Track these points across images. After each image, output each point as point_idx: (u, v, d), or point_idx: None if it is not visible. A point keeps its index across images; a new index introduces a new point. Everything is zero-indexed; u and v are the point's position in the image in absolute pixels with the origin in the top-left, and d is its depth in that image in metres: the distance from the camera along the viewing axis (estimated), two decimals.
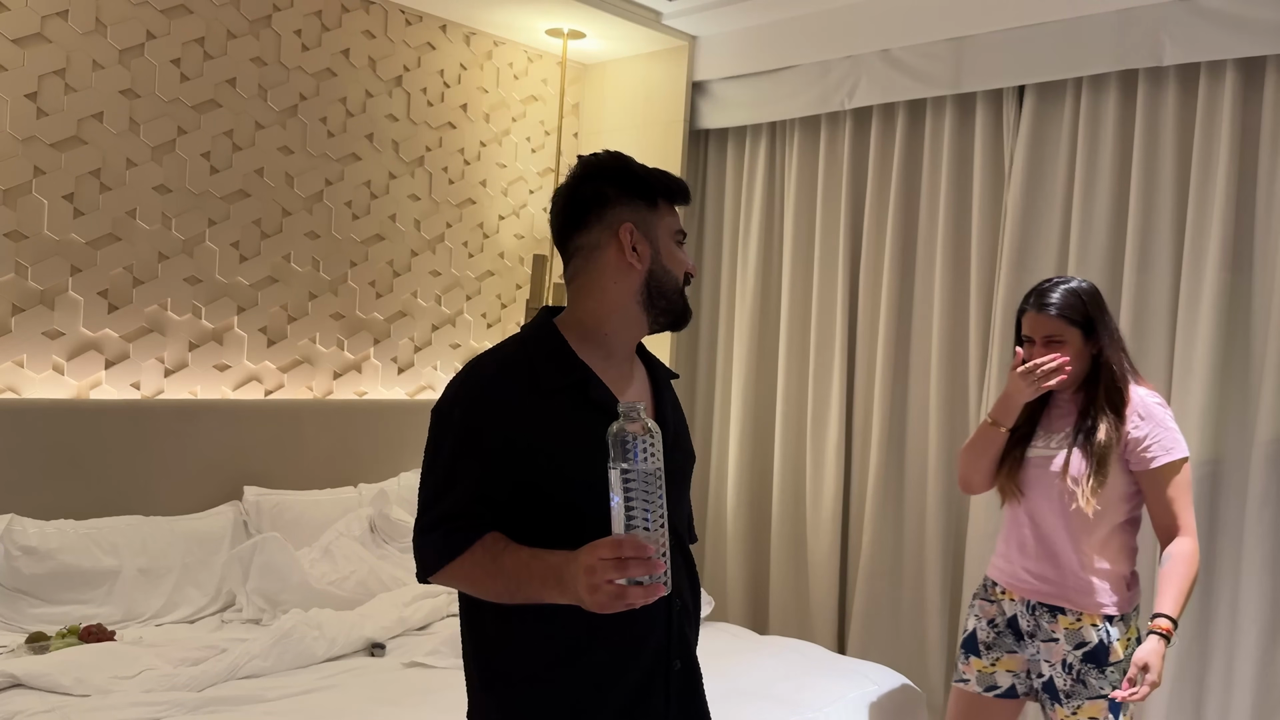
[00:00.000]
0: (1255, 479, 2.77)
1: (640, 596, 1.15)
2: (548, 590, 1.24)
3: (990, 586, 2.32)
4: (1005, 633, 2.26)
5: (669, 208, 1.44)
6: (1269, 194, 2.81)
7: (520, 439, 1.32)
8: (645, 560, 1.14)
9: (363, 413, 3.63)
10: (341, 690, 2.49)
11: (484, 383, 1.36)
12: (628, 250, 1.39)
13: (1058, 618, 2.15)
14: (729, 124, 4.07)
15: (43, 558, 2.74)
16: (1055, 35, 3.11)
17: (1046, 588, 2.17)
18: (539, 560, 1.26)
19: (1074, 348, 2.13)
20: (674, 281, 1.43)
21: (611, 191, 1.40)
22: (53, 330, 3.00)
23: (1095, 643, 2.11)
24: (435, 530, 1.33)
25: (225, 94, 3.32)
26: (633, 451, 1.15)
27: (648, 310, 1.43)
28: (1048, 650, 2.17)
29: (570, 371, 1.38)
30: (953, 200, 3.45)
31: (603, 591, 1.15)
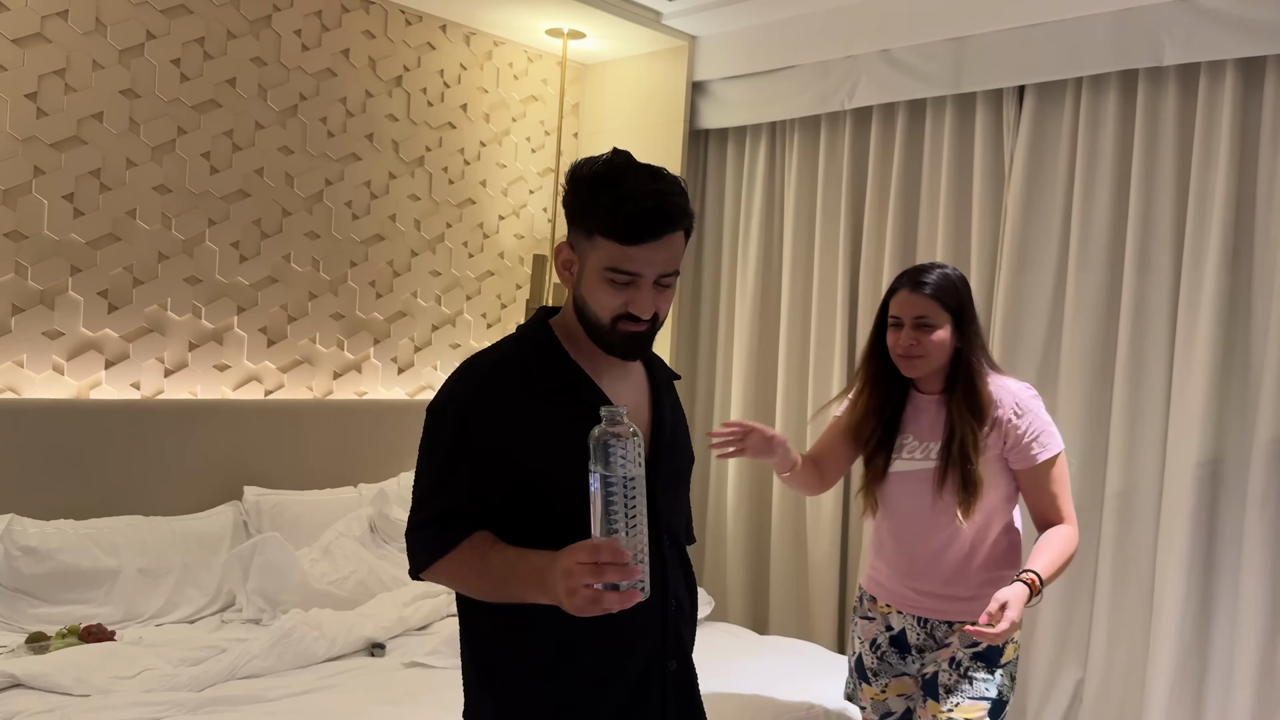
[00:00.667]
0: (1255, 479, 2.77)
1: (616, 602, 1.15)
2: (531, 591, 1.25)
3: (870, 601, 2.18)
4: (889, 652, 2.13)
5: (610, 245, 1.30)
6: (1269, 194, 2.81)
7: (513, 439, 1.32)
8: (621, 566, 1.14)
9: (363, 413, 3.63)
10: (341, 690, 2.49)
11: (478, 382, 1.36)
12: (558, 267, 1.38)
13: (954, 627, 2.04)
14: (729, 124, 4.07)
15: (43, 558, 2.74)
16: (1055, 35, 3.11)
17: (943, 605, 2.05)
18: (524, 561, 1.26)
19: (943, 339, 2.01)
20: (594, 316, 1.35)
21: (573, 204, 1.35)
22: (53, 330, 3.00)
23: (986, 643, 2.00)
24: (427, 527, 1.34)
25: (225, 94, 3.32)
26: (613, 456, 1.15)
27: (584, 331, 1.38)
28: (936, 655, 2.06)
29: (564, 373, 1.38)
30: (953, 200, 3.45)
31: (579, 596, 1.15)
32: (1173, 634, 2.86)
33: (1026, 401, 2.02)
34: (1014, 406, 2.01)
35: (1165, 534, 2.92)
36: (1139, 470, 3.02)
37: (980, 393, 2.00)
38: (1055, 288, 3.22)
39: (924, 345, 2.00)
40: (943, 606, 2.05)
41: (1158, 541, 2.96)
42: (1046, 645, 3.17)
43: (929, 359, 2.01)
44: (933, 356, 2.00)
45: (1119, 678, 3.04)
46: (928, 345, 2.00)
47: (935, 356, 2.01)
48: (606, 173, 1.33)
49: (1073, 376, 3.14)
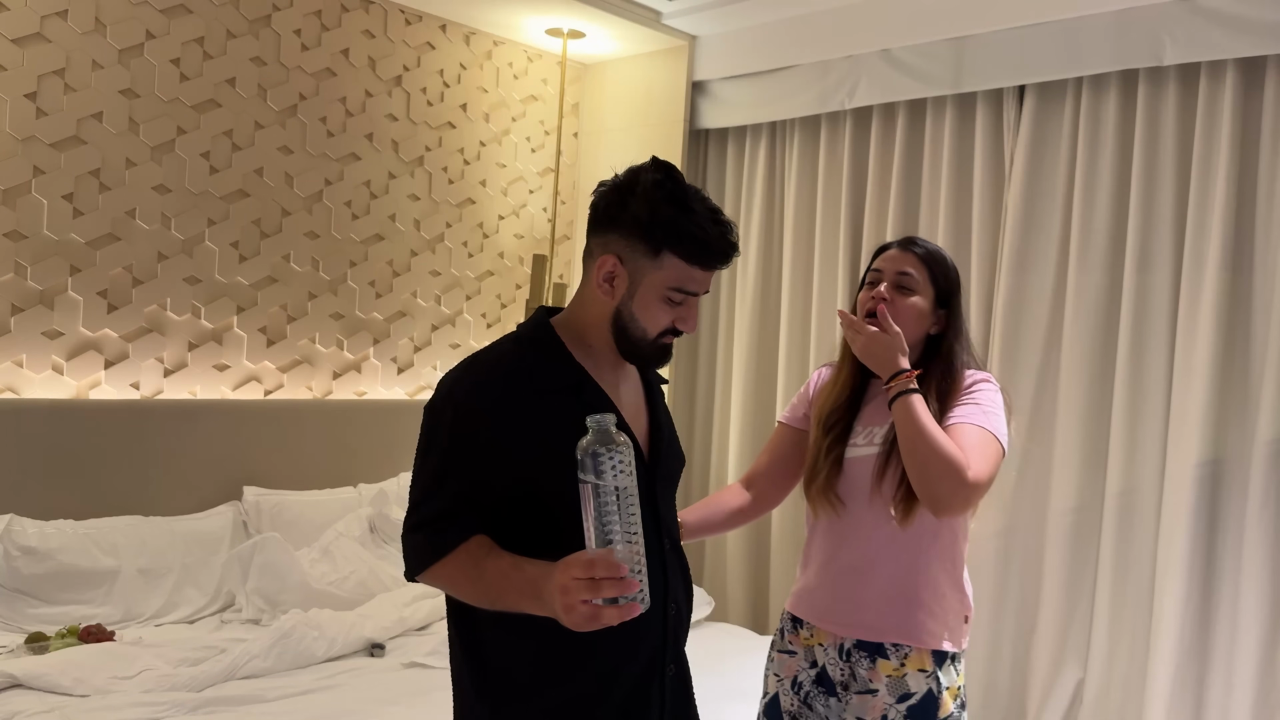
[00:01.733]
0: (1255, 479, 2.77)
1: (615, 616, 1.12)
2: (525, 602, 1.22)
3: (791, 630, 1.85)
4: (815, 693, 1.79)
5: (681, 265, 1.31)
6: (1269, 194, 2.81)
7: (513, 440, 1.29)
8: (619, 580, 1.11)
9: (362, 413, 3.63)
10: (341, 690, 2.49)
11: (479, 382, 1.33)
12: (598, 279, 1.34)
13: (877, 663, 1.71)
14: (729, 124, 4.07)
15: (42, 558, 2.74)
16: (1055, 35, 3.11)
17: (867, 619, 1.73)
18: (519, 571, 1.24)
19: (920, 309, 1.75)
20: (640, 331, 1.34)
21: (624, 217, 1.31)
22: (52, 330, 3.00)
23: (923, 693, 1.69)
24: (422, 530, 1.32)
25: (225, 94, 3.32)
26: (604, 466, 1.11)
27: (615, 340, 1.37)
28: (861, 705, 1.71)
29: (566, 373, 1.36)
30: (953, 200, 3.45)
31: (577, 612, 1.12)
32: (1173, 634, 2.86)
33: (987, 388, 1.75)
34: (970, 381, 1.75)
35: (1165, 534, 2.92)
36: (1139, 470, 3.02)
37: (956, 379, 1.74)
38: (1055, 288, 3.22)
39: (898, 305, 1.74)
40: (869, 621, 1.73)
41: (1158, 541, 2.96)
42: (1046, 645, 3.17)
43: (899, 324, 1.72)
44: (904, 325, 1.73)
45: (1119, 678, 3.04)
46: (901, 307, 1.74)
47: (906, 326, 1.73)
48: (674, 191, 1.31)
49: (1073, 376, 3.13)
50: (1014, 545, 3.24)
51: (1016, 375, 3.24)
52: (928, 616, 1.71)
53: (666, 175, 1.31)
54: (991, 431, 1.67)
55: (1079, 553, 3.13)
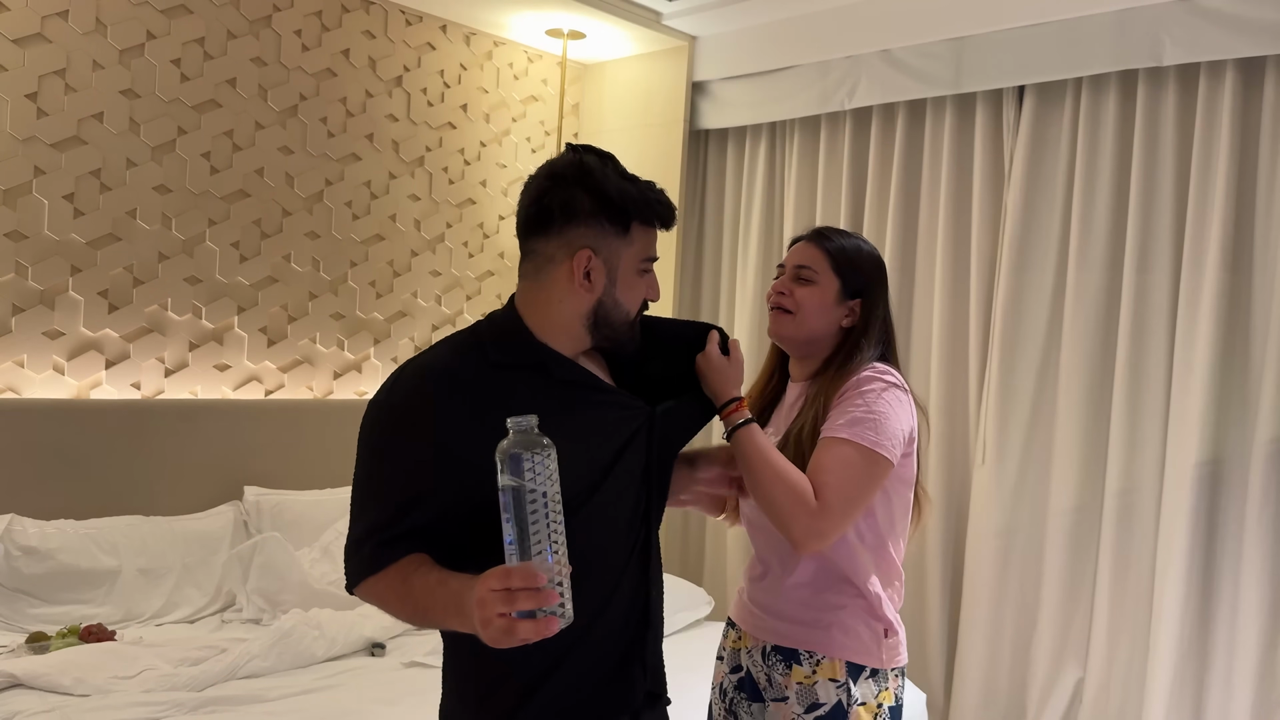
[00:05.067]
0: (1255, 479, 2.77)
1: (531, 631, 1.04)
2: (450, 619, 1.16)
3: (724, 635, 1.82)
4: (738, 700, 1.73)
5: (645, 232, 1.31)
6: (1269, 194, 2.81)
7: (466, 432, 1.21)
8: (535, 592, 1.04)
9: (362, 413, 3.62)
10: (341, 690, 2.49)
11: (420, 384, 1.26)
12: (578, 277, 1.29)
13: (791, 669, 1.63)
14: (729, 124, 4.07)
15: (43, 558, 2.74)
16: (1055, 35, 3.11)
17: (776, 624, 1.66)
18: (444, 587, 1.17)
19: (823, 298, 1.67)
20: (624, 314, 1.33)
21: (583, 206, 1.27)
22: (53, 330, 3.00)
23: (832, 704, 1.58)
24: (365, 544, 1.25)
25: (225, 94, 3.32)
26: (527, 469, 1.05)
27: (590, 333, 1.33)
28: (775, 713, 1.64)
29: (530, 353, 1.30)
30: (953, 200, 3.45)
31: (493, 626, 1.05)
32: (1173, 634, 2.86)
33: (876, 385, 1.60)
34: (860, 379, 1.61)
35: (1165, 534, 2.92)
36: (1139, 470, 3.02)
37: (845, 376, 1.63)
38: (1055, 288, 3.22)
39: (795, 298, 1.68)
40: (781, 628, 1.66)
41: (1158, 541, 2.96)
42: (1047, 645, 3.17)
43: (798, 318, 1.67)
44: (802, 316, 1.67)
45: (1119, 678, 3.04)
46: (800, 298, 1.67)
47: (805, 318, 1.67)
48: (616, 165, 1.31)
49: (1073, 376, 3.14)
50: (1014, 545, 3.24)
51: (1016, 375, 3.24)
52: (838, 629, 1.61)
53: (603, 155, 1.30)
54: (859, 443, 1.53)
55: (1079, 552, 3.13)
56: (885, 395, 1.58)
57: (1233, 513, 2.84)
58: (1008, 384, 3.25)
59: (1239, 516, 2.82)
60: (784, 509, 1.49)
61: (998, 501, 3.25)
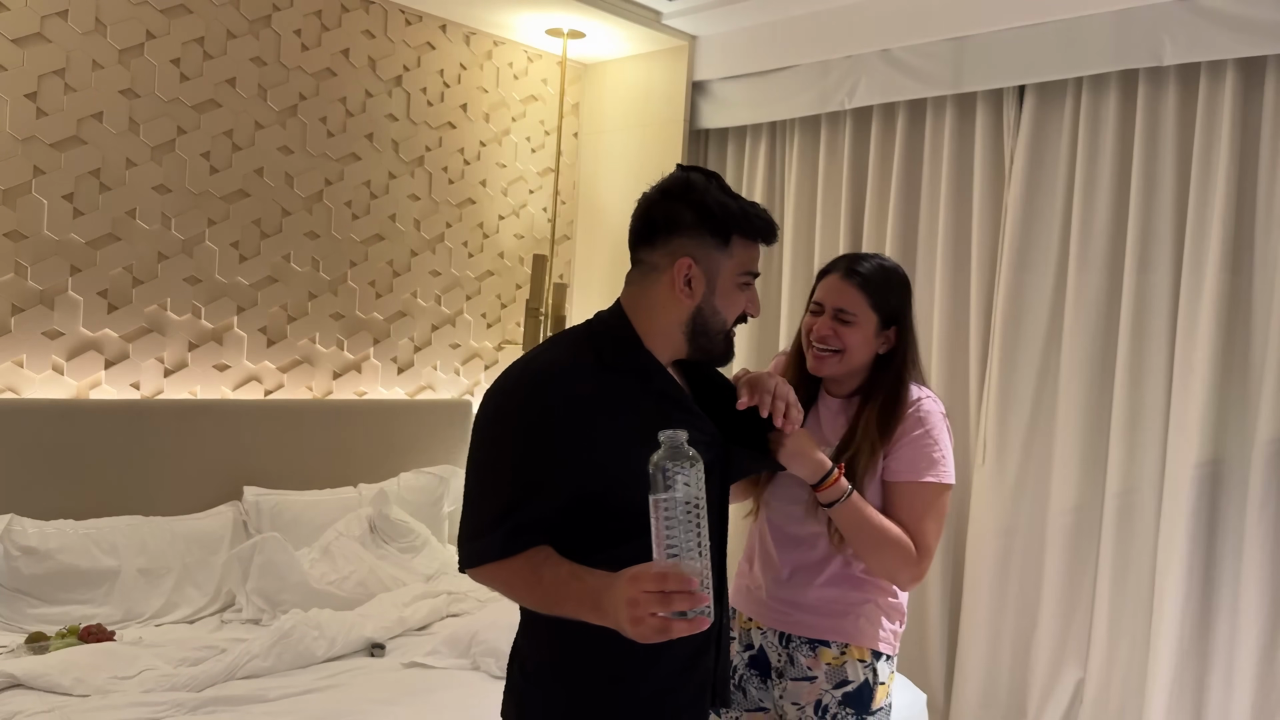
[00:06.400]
0: (1255, 479, 2.77)
1: (685, 629, 1.14)
2: (584, 612, 1.25)
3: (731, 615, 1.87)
4: (748, 676, 1.84)
5: (746, 246, 1.41)
6: (1269, 194, 2.81)
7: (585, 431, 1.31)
8: (689, 594, 1.13)
9: (363, 413, 3.63)
10: (341, 690, 2.49)
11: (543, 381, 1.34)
12: (679, 284, 1.38)
13: (818, 651, 1.76)
14: (729, 124, 4.07)
15: (42, 558, 2.74)
16: (1055, 35, 3.11)
17: (805, 618, 1.77)
18: (578, 581, 1.26)
19: (864, 335, 1.75)
20: (721, 323, 1.42)
21: (686, 218, 1.37)
22: (52, 330, 3.00)
23: (860, 682, 1.74)
24: (496, 530, 1.31)
25: (225, 94, 3.32)
26: (676, 481, 1.13)
27: (688, 341, 1.42)
28: (797, 690, 1.76)
29: (636, 358, 1.40)
30: (953, 200, 3.45)
31: (646, 625, 1.14)
32: (1173, 634, 2.86)
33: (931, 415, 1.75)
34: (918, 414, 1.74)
35: (1165, 534, 2.92)
36: (1139, 470, 3.02)
37: (899, 407, 1.74)
38: (1055, 288, 3.22)
39: (841, 338, 1.75)
40: (809, 621, 1.77)
41: (1158, 541, 2.96)
42: (1047, 645, 3.17)
43: (845, 357, 1.75)
44: (849, 355, 1.75)
45: (1119, 678, 3.04)
46: (846, 339, 1.74)
47: (852, 356, 1.76)
48: (720, 184, 1.41)
49: (1073, 376, 3.14)
50: (1014, 545, 3.24)
51: (1016, 375, 3.24)
52: (865, 621, 1.77)
53: (708, 174, 1.41)
54: (937, 482, 1.71)
55: (1079, 553, 3.13)
56: (943, 427, 1.75)
57: (1233, 513, 2.84)
58: (1008, 384, 3.25)
59: (1239, 517, 2.82)
60: (891, 565, 1.69)
61: (998, 501, 3.25)
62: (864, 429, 1.73)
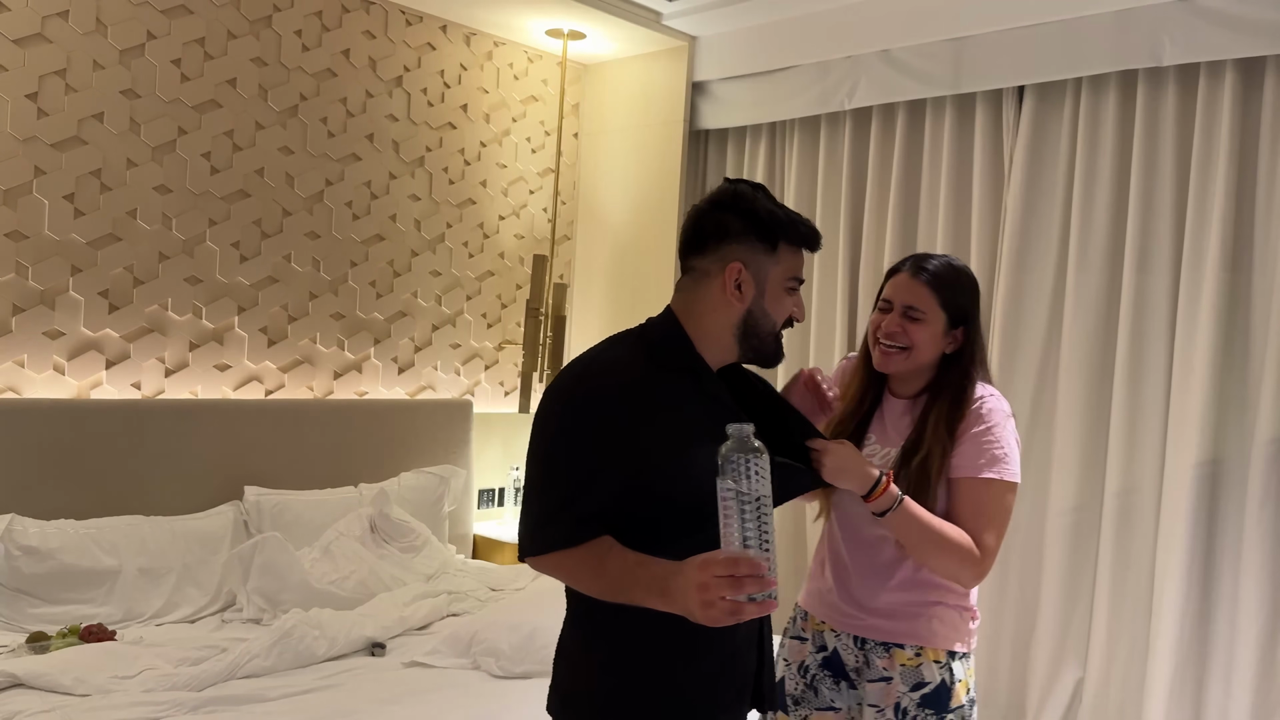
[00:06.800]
0: (1255, 479, 2.77)
1: (756, 612, 1.20)
2: (650, 598, 1.29)
3: (802, 619, 1.90)
4: (821, 677, 1.84)
5: (792, 253, 1.46)
6: (1269, 194, 2.81)
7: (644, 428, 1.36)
8: (760, 578, 1.18)
9: (363, 413, 3.63)
10: (342, 690, 2.49)
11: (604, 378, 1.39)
12: (729, 287, 1.43)
13: (892, 652, 1.76)
14: (729, 124, 4.07)
15: (43, 557, 2.74)
16: (1055, 35, 3.11)
17: (877, 622, 1.77)
18: (644, 568, 1.31)
19: (933, 333, 1.75)
20: (770, 325, 1.46)
21: (735, 226, 1.43)
22: (53, 330, 3.00)
23: (937, 682, 1.73)
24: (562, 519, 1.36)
25: (225, 94, 3.32)
26: (744, 472, 1.17)
27: (738, 344, 1.47)
28: (875, 692, 1.76)
29: (689, 360, 1.45)
30: (952, 201, 3.45)
31: (717, 608, 1.19)
32: (1172, 634, 2.86)
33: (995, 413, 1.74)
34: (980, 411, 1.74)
35: (1165, 534, 2.92)
36: (1139, 470, 3.02)
37: (965, 403, 1.73)
38: (1055, 288, 3.22)
39: (910, 335, 1.74)
40: (882, 625, 1.77)
41: (1157, 541, 2.96)
42: (1047, 645, 3.17)
43: (912, 354, 1.75)
44: (917, 353, 1.75)
45: (1119, 678, 3.04)
46: (914, 336, 1.74)
47: (919, 354, 1.75)
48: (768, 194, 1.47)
49: (1073, 376, 3.14)
50: (1014, 545, 3.24)
51: (1016, 375, 3.24)
52: (937, 622, 1.76)
53: (755, 185, 1.48)
54: (1001, 479, 1.69)
55: (1078, 552, 3.13)
56: (1007, 425, 1.74)
57: (1232, 513, 2.84)
58: (1007, 384, 3.25)
59: (1239, 516, 2.82)
60: (951, 567, 1.68)
61: None
62: (932, 429, 1.73)
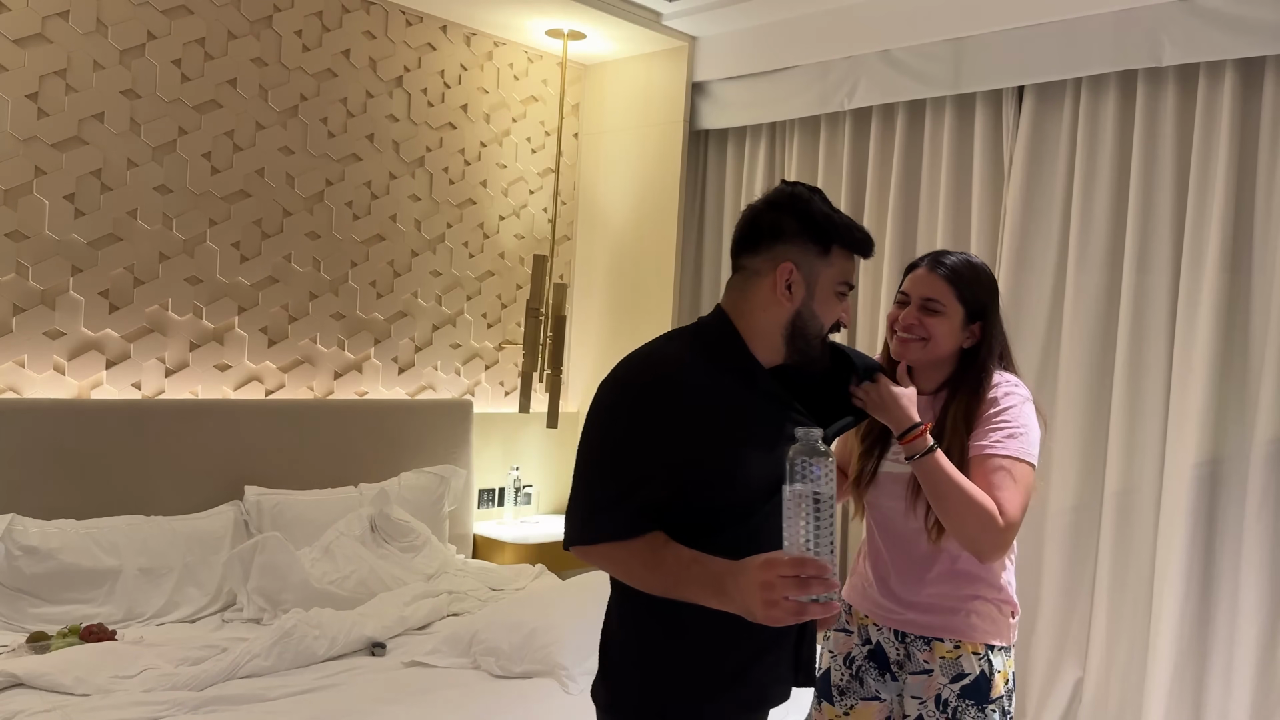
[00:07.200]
0: (1255, 479, 2.77)
1: (819, 612, 1.20)
2: (705, 596, 1.30)
3: (847, 612, 1.95)
4: (866, 668, 1.88)
5: (845, 257, 1.46)
6: (1268, 194, 2.82)
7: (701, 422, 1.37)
8: (824, 580, 1.19)
9: (363, 413, 3.63)
10: (342, 689, 2.49)
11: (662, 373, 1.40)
12: (780, 287, 1.43)
13: (932, 645, 1.80)
14: (729, 124, 4.07)
15: (44, 557, 2.74)
16: (1055, 35, 3.12)
17: (916, 617, 1.81)
18: (699, 566, 1.31)
19: (950, 326, 1.78)
20: (818, 328, 1.47)
21: (790, 227, 1.44)
22: (54, 330, 3.00)
23: (976, 674, 1.76)
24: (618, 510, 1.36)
25: (226, 94, 3.32)
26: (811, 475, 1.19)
27: (786, 344, 1.47)
28: (917, 685, 1.81)
29: (743, 359, 1.46)
30: (952, 201, 3.46)
31: (780, 608, 1.20)
32: (1172, 634, 2.87)
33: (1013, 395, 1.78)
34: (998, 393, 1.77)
35: (1165, 534, 2.92)
36: (1138, 470, 3.02)
37: (982, 395, 1.76)
38: (1055, 288, 3.22)
39: (927, 327, 1.77)
40: (920, 620, 1.81)
41: (1157, 541, 2.96)
42: (1046, 645, 3.17)
43: (930, 345, 1.78)
44: (934, 344, 1.78)
45: (1118, 677, 3.04)
46: (932, 328, 1.77)
47: (935, 346, 1.78)
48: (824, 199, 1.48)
49: (1072, 376, 3.14)
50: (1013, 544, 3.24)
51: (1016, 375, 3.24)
52: (976, 617, 1.79)
53: (811, 188, 1.49)
54: (1020, 458, 1.70)
55: (1078, 552, 3.14)
56: (1025, 408, 1.76)
57: (1232, 512, 2.84)
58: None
59: (1238, 516, 2.82)
60: (975, 530, 1.65)
61: None
62: (952, 425, 1.75)
